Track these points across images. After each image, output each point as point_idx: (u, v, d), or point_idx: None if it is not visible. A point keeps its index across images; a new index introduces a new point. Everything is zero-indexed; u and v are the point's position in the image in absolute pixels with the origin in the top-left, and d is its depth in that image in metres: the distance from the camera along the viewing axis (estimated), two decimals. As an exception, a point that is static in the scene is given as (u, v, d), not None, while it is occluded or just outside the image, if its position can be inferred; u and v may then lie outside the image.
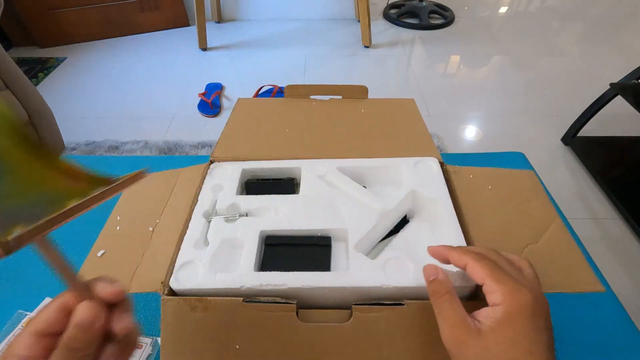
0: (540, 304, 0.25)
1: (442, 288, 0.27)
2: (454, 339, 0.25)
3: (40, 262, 0.49)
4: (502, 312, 0.24)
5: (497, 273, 0.26)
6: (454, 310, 0.26)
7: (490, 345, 0.24)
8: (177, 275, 0.33)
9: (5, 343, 0.40)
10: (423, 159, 0.44)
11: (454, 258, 0.29)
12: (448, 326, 0.26)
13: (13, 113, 0.19)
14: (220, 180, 0.42)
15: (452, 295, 0.27)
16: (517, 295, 0.24)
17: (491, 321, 0.24)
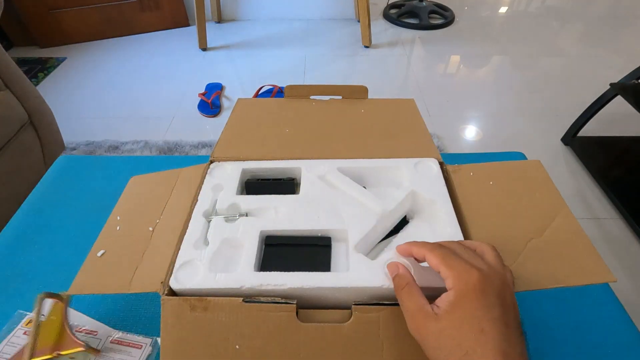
0: (491, 281, 0.26)
1: (402, 282, 0.30)
2: (415, 327, 0.27)
3: (39, 263, 0.50)
4: (454, 295, 0.26)
5: (448, 259, 0.27)
6: (412, 300, 0.28)
7: (445, 327, 0.26)
8: (177, 275, 0.33)
9: (6, 343, 0.40)
10: (423, 159, 0.44)
11: (414, 252, 0.31)
12: (409, 316, 0.28)
13: None
14: (220, 180, 0.42)
15: (410, 286, 0.29)
16: (465, 276, 0.26)
17: (445, 304, 0.26)
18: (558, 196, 0.39)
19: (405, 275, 0.30)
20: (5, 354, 0.39)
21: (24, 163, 0.98)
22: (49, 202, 0.56)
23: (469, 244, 0.31)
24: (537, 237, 0.35)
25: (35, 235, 0.51)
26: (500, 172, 0.42)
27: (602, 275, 0.32)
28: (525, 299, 0.43)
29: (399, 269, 0.31)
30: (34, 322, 0.37)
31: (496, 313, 0.25)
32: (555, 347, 0.40)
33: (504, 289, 0.26)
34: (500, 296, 0.26)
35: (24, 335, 0.40)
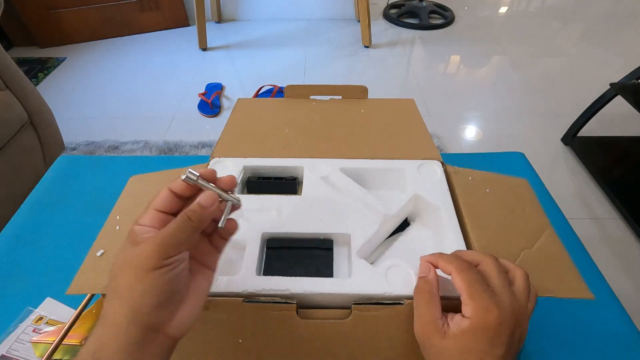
0: (507, 322, 0.26)
1: (426, 287, 0.29)
2: (422, 334, 0.28)
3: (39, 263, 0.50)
4: (467, 326, 0.26)
5: (474, 288, 0.27)
6: (429, 309, 0.28)
7: (448, 347, 0.27)
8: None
9: (15, 340, 0.40)
10: (427, 162, 0.44)
11: (441, 266, 0.30)
12: (420, 322, 0.29)
13: None
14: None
15: (432, 295, 0.29)
16: (484, 313, 0.26)
17: (456, 329, 0.27)
18: (543, 215, 0.39)
19: (432, 282, 0.30)
20: (14, 350, 0.39)
21: (24, 163, 0.98)
22: (49, 202, 0.56)
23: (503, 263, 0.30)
24: (528, 247, 0.36)
25: (35, 235, 0.51)
26: (496, 183, 0.42)
27: (582, 291, 0.33)
28: (525, 299, 0.43)
29: (430, 273, 0.30)
30: (79, 309, 0.41)
31: (500, 352, 0.26)
32: (555, 347, 0.40)
33: (516, 329, 0.27)
34: (510, 336, 0.26)
35: (33, 332, 0.41)
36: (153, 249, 0.23)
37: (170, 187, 0.27)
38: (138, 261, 0.23)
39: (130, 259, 0.24)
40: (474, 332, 0.26)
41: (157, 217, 0.26)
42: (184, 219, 0.25)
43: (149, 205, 0.27)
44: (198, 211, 0.26)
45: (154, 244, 0.24)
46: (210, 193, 0.26)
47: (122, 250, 0.25)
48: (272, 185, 0.43)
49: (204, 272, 0.28)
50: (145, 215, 0.26)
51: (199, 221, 0.26)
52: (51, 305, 0.44)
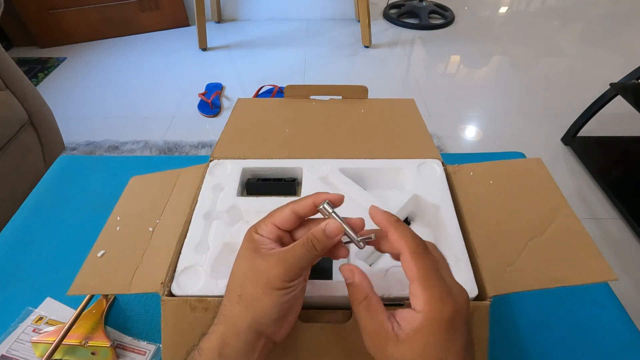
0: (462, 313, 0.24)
1: (359, 294, 0.26)
2: (373, 347, 0.25)
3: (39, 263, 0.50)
4: (420, 321, 0.23)
5: (428, 277, 0.24)
6: (371, 318, 0.25)
7: (405, 352, 0.23)
8: (178, 281, 0.33)
9: (15, 340, 0.40)
10: (426, 161, 0.44)
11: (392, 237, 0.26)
12: (367, 335, 0.25)
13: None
14: (220, 180, 0.42)
15: (369, 300, 0.25)
16: (439, 306, 0.23)
17: (409, 328, 0.24)
18: (559, 194, 0.39)
19: (362, 285, 0.26)
20: (14, 350, 0.40)
21: (24, 163, 0.98)
22: (49, 202, 0.56)
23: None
24: (537, 236, 0.35)
25: (35, 236, 0.51)
26: (501, 172, 0.42)
27: (604, 273, 0.32)
28: (525, 299, 0.44)
29: (355, 277, 0.26)
30: (79, 309, 0.41)
31: (460, 344, 0.23)
32: (555, 347, 0.40)
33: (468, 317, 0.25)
34: (466, 325, 0.24)
35: (33, 332, 0.41)
36: (281, 272, 0.25)
37: (294, 209, 0.28)
38: (266, 278, 0.25)
39: (259, 272, 0.26)
40: (429, 329, 0.23)
41: (275, 232, 0.28)
42: (309, 247, 0.26)
43: (268, 218, 0.28)
44: (323, 241, 0.26)
45: (282, 267, 0.25)
46: (337, 223, 0.27)
47: (244, 256, 0.27)
48: (272, 186, 0.43)
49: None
50: (263, 226, 0.28)
51: (322, 250, 0.26)
52: (51, 305, 0.44)
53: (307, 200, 0.28)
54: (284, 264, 0.25)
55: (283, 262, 0.26)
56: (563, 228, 0.36)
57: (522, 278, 0.32)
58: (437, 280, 0.24)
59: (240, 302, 0.26)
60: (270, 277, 0.25)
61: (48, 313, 0.43)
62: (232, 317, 0.26)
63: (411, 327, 0.23)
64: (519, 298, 0.44)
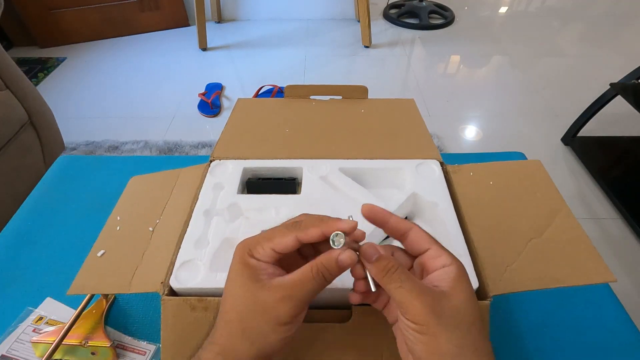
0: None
1: (393, 263, 0.24)
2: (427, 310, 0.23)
3: (39, 263, 0.50)
4: (456, 272, 0.24)
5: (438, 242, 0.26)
6: (414, 280, 0.24)
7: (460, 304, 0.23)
8: (177, 274, 0.33)
9: (15, 340, 0.40)
10: (425, 161, 0.44)
11: (395, 221, 0.27)
12: (417, 298, 0.23)
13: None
14: (220, 179, 0.42)
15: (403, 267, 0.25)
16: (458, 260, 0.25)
17: (446, 282, 0.24)
18: (558, 196, 0.39)
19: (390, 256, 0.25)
20: (14, 350, 0.40)
21: (24, 163, 0.98)
22: (49, 202, 0.56)
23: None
24: (537, 236, 0.35)
25: (35, 235, 0.51)
26: (500, 172, 0.42)
27: (602, 275, 0.32)
28: (525, 299, 0.44)
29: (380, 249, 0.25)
30: (79, 309, 0.41)
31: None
32: (555, 347, 0.40)
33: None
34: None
35: (33, 332, 0.41)
36: (291, 308, 0.24)
37: (300, 237, 0.25)
38: (275, 316, 0.24)
39: (265, 308, 0.24)
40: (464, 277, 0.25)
41: (273, 256, 0.26)
42: (320, 279, 0.24)
43: (267, 242, 0.26)
44: (335, 272, 0.25)
45: (292, 303, 0.24)
46: (351, 254, 0.25)
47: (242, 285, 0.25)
48: (272, 185, 0.43)
49: None
50: (260, 250, 0.26)
51: (331, 280, 0.25)
52: (51, 305, 0.44)
53: (315, 230, 0.25)
54: (293, 302, 0.24)
55: (292, 299, 0.24)
56: (562, 229, 0.36)
57: (522, 278, 0.32)
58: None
59: (244, 337, 0.24)
60: (280, 314, 0.24)
61: (48, 313, 0.43)
62: (234, 350, 0.24)
63: (448, 280, 0.24)
64: (519, 298, 0.44)
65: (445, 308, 0.23)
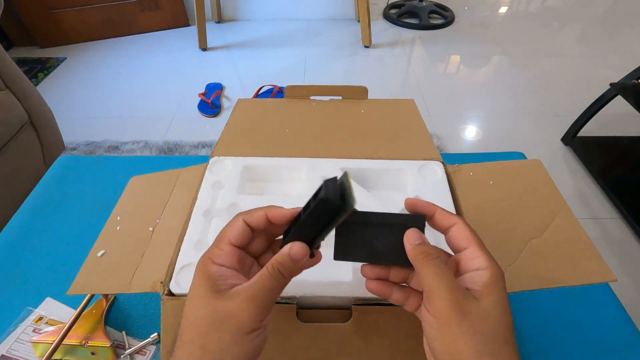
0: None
1: (434, 250, 0.25)
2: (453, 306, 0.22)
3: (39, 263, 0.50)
4: (489, 277, 0.23)
5: (481, 242, 0.25)
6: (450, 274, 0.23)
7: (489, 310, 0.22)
8: (177, 279, 0.33)
9: (15, 340, 0.40)
10: (427, 162, 0.44)
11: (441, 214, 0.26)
12: (448, 291, 0.22)
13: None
14: (220, 177, 0.42)
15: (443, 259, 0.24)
16: (498, 265, 0.24)
17: (479, 286, 0.23)
18: (558, 195, 0.39)
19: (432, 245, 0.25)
20: (14, 350, 0.40)
21: (24, 163, 0.98)
22: (49, 202, 0.56)
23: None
24: (537, 236, 0.35)
25: (35, 235, 0.51)
26: (500, 172, 0.42)
27: (602, 275, 0.32)
28: (525, 299, 0.44)
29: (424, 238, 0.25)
30: (79, 309, 0.41)
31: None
32: (555, 347, 0.40)
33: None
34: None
35: (33, 332, 0.41)
36: (252, 312, 0.22)
37: (246, 219, 0.25)
38: (235, 324, 0.22)
39: (224, 318, 0.22)
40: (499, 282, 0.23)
41: (233, 254, 0.25)
42: (277, 276, 0.23)
43: (221, 239, 0.25)
44: (291, 267, 0.24)
45: (253, 305, 0.22)
46: (300, 243, 0.24)
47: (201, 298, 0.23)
48: None
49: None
50: (219, 252, 0.25)
51: (290, 276, 0.24)
52: (51, 305, 0.44)
53: (259, 212, 0.25)
54: (254, 302, 0.22)
55: (252, 301, 0.22)
56: (562, 229, 0.36)
57: (522, 278, 0.32)
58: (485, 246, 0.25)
59: (205, 354, 0.22)
60: (241, 321, 0.22)
61: (48, 313, 0.43)
62: None
63: (481, 284, 0.23)
64: (519, 298, 0.44)
65: (472, 310, 0.22)
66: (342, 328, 0.32)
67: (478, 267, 0.24)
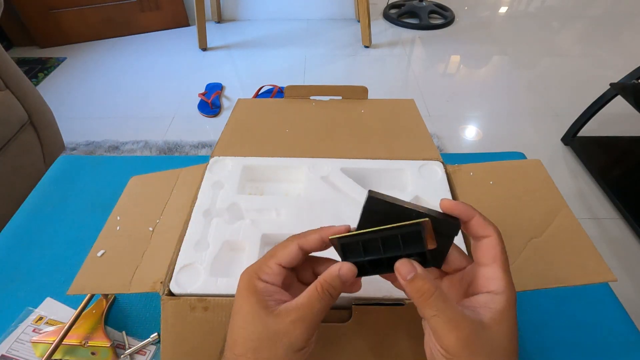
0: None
1: (430, 286, 0.23)
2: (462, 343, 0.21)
3: (39, 263, 0.50)
4: (504, 303, 0.23)
5: (507, 262, 0.24)
6: (452, 307, 0.22)
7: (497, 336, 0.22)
8: (177, 279, 0.33)
9: (15, 340, 0.40)
10: (427, 162, 0.44)
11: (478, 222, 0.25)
12: (452, 331, 0.22)
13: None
14: (220, 177, 0.42)
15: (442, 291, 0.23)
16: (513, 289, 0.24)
17: (491, 312, 0.23)
18: (558, 195, 0.39)
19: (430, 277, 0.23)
20: (14, 350, 0.40)
21: (24, 163, 0.98)
22: (49, 202, 0.56)
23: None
24: (537, 236, 0.35)
25: (35, 235, 0.51)
26: (500, 172, 0.42)
27: (603, 274, 0.32)
28: (525, 299, 0.43)
29: (418, 268, 0.23)
30: (79, 309, 0.41)
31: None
32: (555, 347, 0.40)
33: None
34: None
35: (33, 332, 0.41)
36: (304, 333, 0.23)
37: (301, 244, 0.26)
38: (288, 343, 0.23)
39: (277, 336, 0.23)
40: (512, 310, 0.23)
41: (280, 273, 0.25)
42: (327, 297, 0.24)
43: (271, 258, 0.25)
44: (339, 287, 0.24)
45: (304, 327, 0.23)
46: (349, 265, 0.24)
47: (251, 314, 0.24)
48: None
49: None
50: (267, 269, 0.25)
51: (337, 296, 0.24)
52: (51, 305, 0.44)
53: (314, 235, 0.26)
54: (305, 324, 0.23)
55: (303, 322, 0.23)
56: (562, 228, 0.36)
57: (522, 278, 0.32)
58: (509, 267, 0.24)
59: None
60: (293, 340, 0.23)
61: (48, 313, 0.43)
62: None
63: (494, 310, 0.23)
64: (519, 298, 0.43)
65: (481, 341, 0.22)
66: (342, 328, 0.32)
67: (495, 289, 0.23)
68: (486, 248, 0.24)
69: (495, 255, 0.24)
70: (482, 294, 0.24)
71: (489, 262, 0.24)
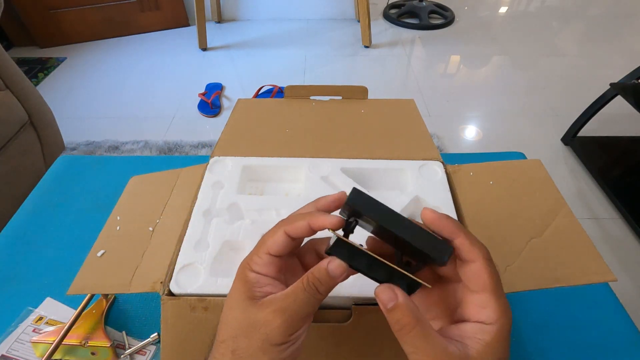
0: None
1: (409, 319, 0.21)
2: None
3: (39, 263, 0.50)
4: (494, 335, 0.21)
5: (497, 287, 0.22)
6: (432, 345, 0.21)
7: None
8: (177, 279, 0.33)
9: (15, 340, 0.40)
10: (428, 162, 0.44)
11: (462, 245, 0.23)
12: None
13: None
14: (220, 177, 0.42)
15: (423, 325, 0.21)
16: (507, 317, 0.22)
17: (479, 344, 0.21)
18: (558, 195, 0.39)
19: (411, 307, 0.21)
20: (14, 350, 0.40)
21: (24, 163, 0.98)
22: (49, 202, 0.56)
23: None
24: (537, 236, 0.35)
25: (35, 235, 0.51)
26: (500, 172, 0.42)
27: (603, 274, 0.32)
28: (525, 299, 0.44)
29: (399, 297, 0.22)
30: (79, 309, 0.41)
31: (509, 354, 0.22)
32: (555, 347, 0.40)
33: None
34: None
35: (33, 332, 0.41)
36: (282, 325, 0.22)
37: (287, 231, 0.24)
38: (265, 333, 0.22)
39: (255, 326, 0.22)
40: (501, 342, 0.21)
41: (272, 263, 0.24)
42: (312, 291, 0.23)
43: (260, 248, 0.25)
44: (327, 283, 0.23)
45: (283, 318, 0.22)
46: (339, 261, 0.23)
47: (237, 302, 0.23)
48: None
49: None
50: (258, 260, 0.24)
51: (326, 292, 0.23)
52: (51, 305, 0.44)
53: (301, 222, 0.24)
54: (284, 315, 0.22)
55: (283, 313, 0.22)
56: (562, 228, 0.36)
57: (522, 278, 0.32)
58: (502, 289, 0.22)
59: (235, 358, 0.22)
60: (269, 332, 0.22)
61: (48, 313, 0.43)
62: None
63: (482, 343, 0.21)
64: (519, 298, 0.44)
65: None
66: (342, 328, 0.32)
67: (485, 319, 0.22)
68: (472, 275, 0.22)
69: (484, 282, 0.22)
70: (470, 323, 0.22)
71: (478, 290, 0.22)
